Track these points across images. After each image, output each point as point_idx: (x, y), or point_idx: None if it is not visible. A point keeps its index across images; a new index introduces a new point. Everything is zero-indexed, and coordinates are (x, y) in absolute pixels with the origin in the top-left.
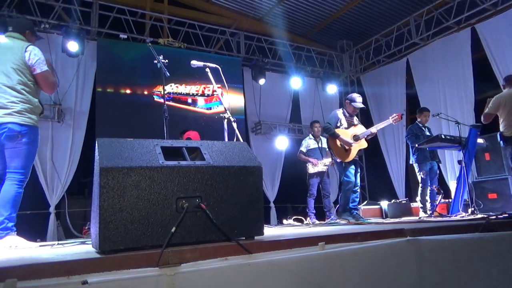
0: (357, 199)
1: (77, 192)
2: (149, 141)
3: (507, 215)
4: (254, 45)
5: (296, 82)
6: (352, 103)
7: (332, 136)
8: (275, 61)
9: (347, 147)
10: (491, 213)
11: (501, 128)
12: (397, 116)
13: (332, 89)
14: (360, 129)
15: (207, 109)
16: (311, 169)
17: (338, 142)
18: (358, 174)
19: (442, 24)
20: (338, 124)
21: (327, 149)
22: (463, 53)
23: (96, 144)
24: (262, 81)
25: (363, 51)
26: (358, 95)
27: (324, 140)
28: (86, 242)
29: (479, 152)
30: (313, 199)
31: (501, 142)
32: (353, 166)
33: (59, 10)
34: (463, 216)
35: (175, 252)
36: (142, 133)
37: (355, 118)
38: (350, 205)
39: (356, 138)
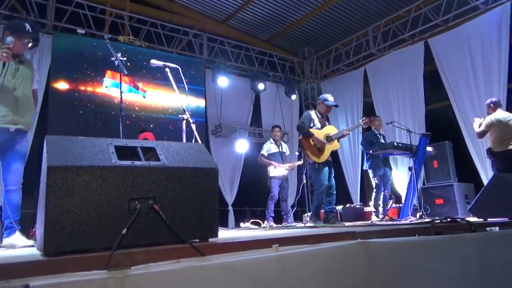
0: (333, 202)
1: (25, 192)
2: (102, 140)
3: (450, 219)
4: (217, 47)
5: (257, 87)
6: (325, 102)
7: (306, 135)
8: (237, 64)
9: (320, 148)
10: (436, 218)
11: (490, 144)
12: (366, 120)
13: (292, 95)
14: (332, 130)
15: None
16: (273, 172)
17: (312, 142)
18: (332, 176)
19: (398, 37)
20: (311, 125)
21: (298, 151)
22: (416, 65)
23: (45, 142)
24: (224, 82)
25: (324, 59)
26: (330, 94)
27: (284, 145)
28: (34, 245)
29: (428, 160)
30: (274, 202)
31: (489, 156)
32: (326, 168)
33: (13, 0)
34: (412, 220)
35: (125, 254)
36: (97, 132)
37: (325, 119)
38: (326, 208)
39: (329, 139)
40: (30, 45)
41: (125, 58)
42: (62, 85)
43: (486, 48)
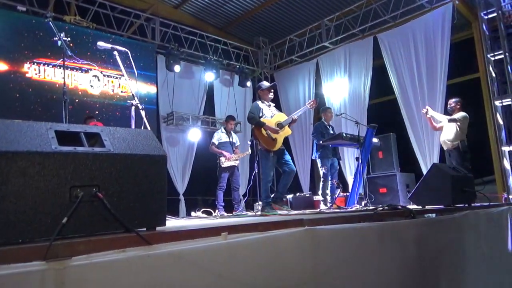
0: (287, 186)
1: None
2: (41, 124)
3: (391, 207)
4: (170, 33)
5: (211, 75)
6: (264, 88)
7: (258, 125)
8: (191, 51)
9: (274, 136)
10: (380, 205)
11: (462, 137)
12: (312, 102)
13: (246, 83)
14: (282, 117)
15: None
16: (224, 163)
17: (264, 131)
18: (290, 161)
19: (350, 31)
20: (260, 114)
21: (250, 141)
22: (365, 59)
23: None
24: (177, 68)
25: (278, 49)
26: (263, 81)
27: (234, 135)
28: None
29: (373, 151)
30: (222, 191)
31: (467, 150)
32: (276, 158)
33: None
34: (357, 208)
35: (65, 244)
36: (37, 117)
37: (273, 107)
38: (280, 190)
39: (280, 125)
40: None
41: (68, 39)
42: None
43: (430, 45)
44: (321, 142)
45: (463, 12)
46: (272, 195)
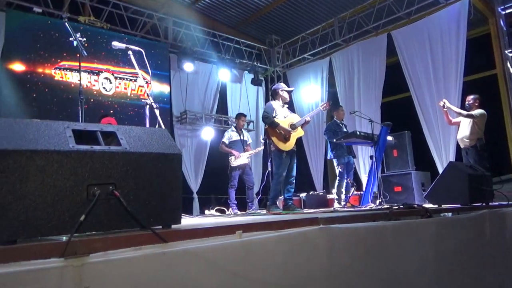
0: (292, 190)
1: None
2: (58, 123)
3: (407, 205)
4: (183, 32)
5: (224, 74)
6: (281, 91)
7: (272, 125)
8: (203, 50)
9: (286, 136)
10: (395, 204)
11: (479, 135)
12: (325, 104)
13: (259, 82)
14: (295, 118)
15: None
16: (234, 162)
17: (278, 131)
18: (295, 165)
19: (363, 28)
20: (274, 114)
21: (263, 139)
22: (379, 56)
23: None
24: (190, 67)
25: (290, 47)
26: (281, 82)
27: (246, 133)
28: None
29: (388, 149)
30: (234, 190)
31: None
32: (289, 160)
33: None
34: (372, 207)
35: (83, 241)
36: (53, 117)
37: (286, 108)
38: (286, 195)
39: (293, 126)
40: None
41: (84, 39)
42: (15, 66)
43: (445, 42)
44: (334, 140)
45: (479, 8)
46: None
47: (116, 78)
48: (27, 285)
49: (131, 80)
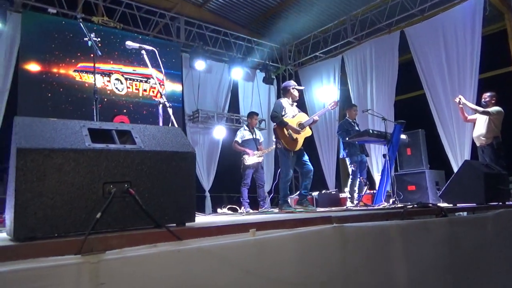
0: (309, 186)
1: None
2: (74, 122)
3: (421, 204)
4: (195, 31)
5: (236, 73)
6: (292, 89)
7: (280, 125)
8: (215, 49)
9: (295, 136)
10: (408, 203)
11: (496, 133)
12: (333, 103)
13: (270, 81)
14: (303, 117)
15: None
16: (247, 161)
17: (286, 131)
18: (308, 160)
19: (375, 26)
20: (283, 113)
21: (273, 139)
22: (392, 54)
23: (14, 123)
24: (201, 65)
25: (302, 46)
26: (291, 80)
27: (258, 131)
28: (2, 231)
29: (401, 147)
30: (247, 188)
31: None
32: (296, 158)
33: None
34: (385, 206)
35: (100, 239)
36: (68, 116)
37: (295, 106)
38: (302, 191)
39: (301, 126)
40: None
41: (98, 39)
42: (31, 67)
43: (460, 38)
44: (347, 139)
45: (495, 3)
46: (293, 195)
47: (126, 79)
48: (45, 281)
49: (141, 81)
